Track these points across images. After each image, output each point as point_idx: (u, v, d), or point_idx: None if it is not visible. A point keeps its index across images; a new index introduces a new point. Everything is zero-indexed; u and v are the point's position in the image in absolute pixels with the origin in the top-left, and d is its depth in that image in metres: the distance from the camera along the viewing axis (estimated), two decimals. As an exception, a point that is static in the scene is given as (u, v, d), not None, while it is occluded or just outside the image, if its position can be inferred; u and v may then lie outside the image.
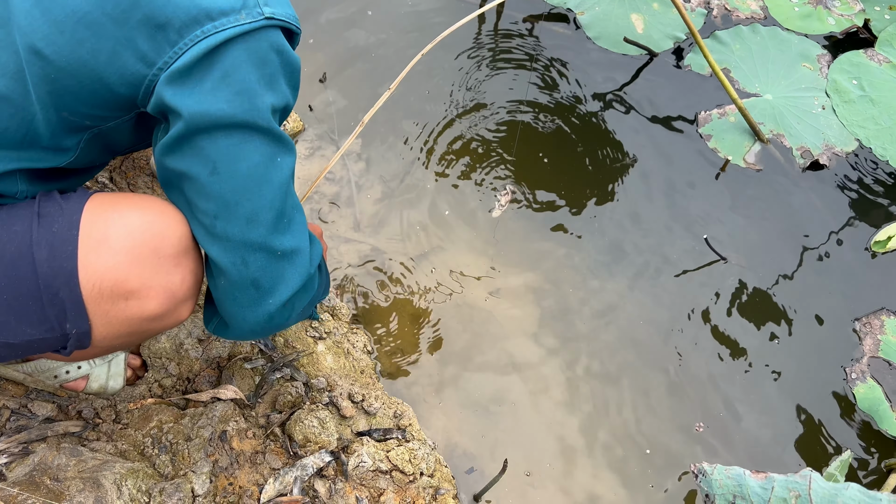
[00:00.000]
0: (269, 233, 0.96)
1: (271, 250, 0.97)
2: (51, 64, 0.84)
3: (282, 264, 0.98)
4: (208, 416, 1.30)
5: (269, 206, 0.94)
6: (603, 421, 1.54)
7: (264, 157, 0.92)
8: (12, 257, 0.86)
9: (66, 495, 1.07)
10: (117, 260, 0.88)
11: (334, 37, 2.05)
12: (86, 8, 0.83)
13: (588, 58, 2.05)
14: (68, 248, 0.86)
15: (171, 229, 0.93)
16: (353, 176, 1.82)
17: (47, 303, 0.87)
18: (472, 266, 1.72)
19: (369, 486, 1.34)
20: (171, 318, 0.97)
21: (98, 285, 0.88)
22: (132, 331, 0.94)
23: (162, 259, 0.91)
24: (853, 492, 0.73)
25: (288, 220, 0.98)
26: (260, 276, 0.97)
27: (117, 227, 0.89)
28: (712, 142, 1.90)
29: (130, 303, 0.90)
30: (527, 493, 1.45)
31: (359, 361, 1.55)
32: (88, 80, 0.86)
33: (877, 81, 1.98)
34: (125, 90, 0.88)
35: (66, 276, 0.86)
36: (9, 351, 0.92)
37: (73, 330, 0.90)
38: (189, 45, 0.85)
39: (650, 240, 1.76)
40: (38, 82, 0.85)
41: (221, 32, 0.85)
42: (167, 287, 0.93)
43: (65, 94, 0.86)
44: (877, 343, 1.62)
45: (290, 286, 1.00)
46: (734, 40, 2.06)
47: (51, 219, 0.88)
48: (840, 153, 1.88)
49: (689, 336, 1.64)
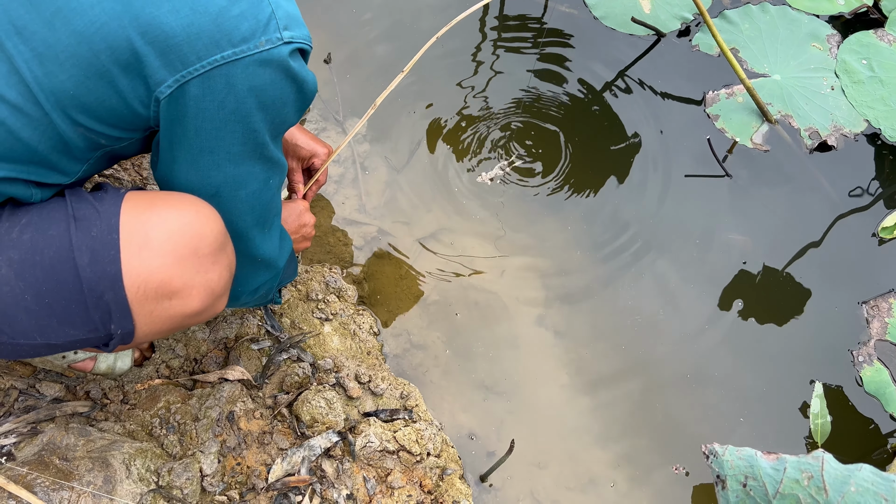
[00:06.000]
0: (253, 242, 1.06)
1: (252, 258, 1.08)
2: (69, 74, 0.83)
3: (256, 266, 1.11)
4: (216, 397, 1.30)
5: (256, 221, 1.04)
6: (610, 402, 1.54)
7: (261, 182, 1.00)
8: (52, 262, 0.86)
9: (75, 475, 1.07)
10: (160, 262, 0.90)
11: (338, 17, 2.03)
12: (104, 19, 0.82)
13: (595, 38, 2.03)
14: (111, 253, 0.87)
15: (208, 228, 0.95)
16: (357, 157, 1.81)
17: (92, 306, 0.88)
18: (478, 248, 1.71)
19: (376, 466, 1.34)
20: (209, 313, 1.00)
21: (143, 288, 0.89)
22: (173, 326, 0.97)
23: (201, 258, 0.94)
24: (866, 473, 0.73)
25: (269, 224, 1.08)
26: (237, 273, 1.07)
27: (157, 230, 0.90)
28: (720, 122, 1.89)
29: (174, 302, 0.93)
30: (533, 473, 1.46)
31: (365, 343, 1.55)
32: (106, 96, 0.86)
33: (886, 62, 1.96)
34: (142, 109, 0.88)
35: (110, 279, 0.87)
36: (50, 350, 0.94)
37: (118, 330, 0.92)
38: (207, 67, 0.85)
39: (656, 220, 1.76)
40: (54, 94, 0.84)
41: (240, 60, 0.86)
42: (207, 284, 0.95)
43: (82, 109, 0.86)
44: (884, 326, 1.62)
45: (259, 280, 1.14)
46: (743, 20, 2.03)
47: (88, 222, 0.89)
48: (848, 134, 1.87)
49: (694, 317, 1.64)
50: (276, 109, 0.93)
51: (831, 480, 0.75)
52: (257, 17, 0.87)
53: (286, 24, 0.90)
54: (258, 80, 0.89)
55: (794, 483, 0.76)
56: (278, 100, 0.93)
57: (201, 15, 0.84)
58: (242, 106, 0.90)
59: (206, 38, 0.84)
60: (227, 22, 0.85)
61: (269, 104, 0.92)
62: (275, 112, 0.94)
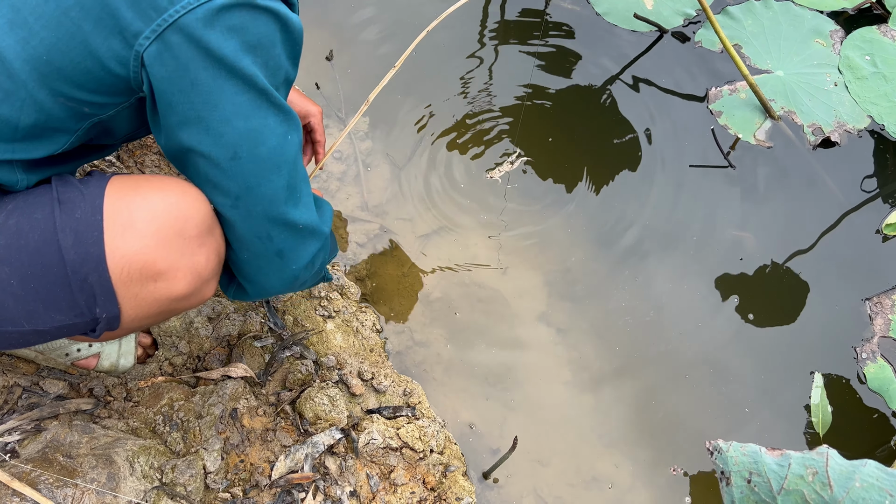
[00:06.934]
0: (288, 208, 0.99)
1: (292, 224, 1.01)
2: (39, 38, 0.81)
3: (302, 236, 1.03)
4: (219, 394, 1.30)
5: (286, 183, 0.98)
6: (613, 398, 1.54)
7: (279, 137, 0.94)
8: (36, 245, 0.86)
9: (78, 472, 1.07)
10: (144, 243, 0.88)
11: (341, 14, 2.03)
12: None
13: (597, 34, 2.02)
14: (94, 234, 0.86)
15: (193, 210, 0.93)
16: (360, 154, 1.81)
17: (76, 288, 0.87)
18: (480, 245, 1.71)
19: (380, 463, 1.34)
20: (197, 297, 0.98)
21: (126, 269, 0.88)
22: (160, 311, 0.95)
23: (187, 240, 0.92)
24: (871, 468, 0.73)
25: (299, 192, 1.01)
26: (284, 247, 1.02)
27: (141, 211, 0.89)
28: (723, 118, 1.89)
29: (159, 284, 0.91)
30: (536, 470, 1.46)
31: (368, 340, 1.55)
32: (80, 57, 0.83)
33: (890, 58, 1.95)
34: (120, 68, 0.85)
35: (94, 261, 0.86)
36: (38, 337, 0.93)
37: (103, 314, 0.90)
38: (181, 12, 0.82)
39: (659, 217, 1.75)
40: (28, 63, 0.82)
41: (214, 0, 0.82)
42: (193, 267, 0.94)
43: (59, 75, 0.84)
44: (887, 323, 1.61)
45: (311, 250, 1.06)
46: (746, 16, 2.03)
47: (72, 205, 0.88)
48: (852, 130, 1.86)
49: (697, 314, 1.64)
50: (265, 50, 0.89)
51: (836, 476, 0.74)
52: None
53: None
54: (236, 19, 0.84)
55: (799, 479, 0.76)
56: (264, 38, 0.88)
57: None
58: (228, 49, 0.85)
59: None
60: None
61: (256, 44, 0.88)
62: (265, 53, 0.89)
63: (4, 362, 1.25)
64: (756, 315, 1.64)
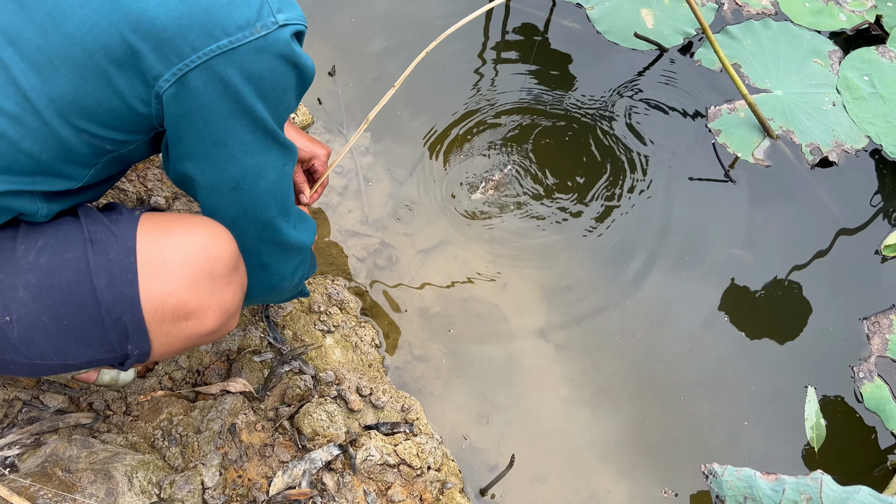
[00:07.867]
0: (279, 229, 1.06)
1: (282, 244, 1.08)
2: (66, 79, 0.83)
3: (289, 251, 1.11)
4: (218, 409, 1.31)
5: (280, 210, 1.04)
6: (611, 416, 1.55)
7: (279, 171, 1.00)
8: (69, 285, 0.88)
9: (77, 487, 1.08)
10: (177, 284, 0.92)
11: (343, 29, 2.05)
12: (94, 18, 0.81)
13: (597, 53, 2.04)
14: (128, 276, 0.89)
15: (222, 250, 0.97)
16: (360, 169, 1.82)
17: (109, 327, 0.90)
18: (480, 260, 1.72)
19: (377, 479, 1.35)
20: (223, 331, 1.02)
21: (160, 309, 0.91)
22: (188, 345, 0.99)
23: (216, 279, 0.96)
24: (864, 495, 0.73)
25: (289, 212, 1.07)
26: (269, 262, 1.09)
27: (174, 253, 0.92)
28: (721, 137, 1.90)
29: (190, 322, 0.95)
30: (533, 487, 1.46)
31: (367, 355, 1.55)
32: (106, 97, 0.85)
33: (888, 78, 1.96)
34: (143, 107, 0.87)
35: (128, 301, 0.89)
36: (66, 369, 0.96)
37: (134, 350, 0.94)
38: (203, 58, 0.84)
39: (657, 234, 1.76)
40: (53, 102, 0.84)
41: (237, 49, 0.85)
42: (221, 304, 0.97)
43: (83, 114, 0.86)
44: (885, 342, 1.62)
45: (293, 264, 1.15)
46: (745, 35, 2.04)
47: (104, 245, 0.90)
48: (850, 150, 1.88)
49: (695, 330, 1.64)
50: (277, 96, 0.92)
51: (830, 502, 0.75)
52: (249, 2, 0.86)
53: (279, 6, 0.88)
54: (257, 68, 0.87)
55: (793, 504, 0.77)
56: (279, 86, 0.91)
57: (191, 5, 0.83)
58: (245, 95, 0.88)
59: (198, 29, 0.83)
60: (218, 11, 0.84)
61: (271, 91, 0.91)
62: (276, 98, 0.93)
63: (5, 376, 1.25)
64: (754, 334, 1.65)
